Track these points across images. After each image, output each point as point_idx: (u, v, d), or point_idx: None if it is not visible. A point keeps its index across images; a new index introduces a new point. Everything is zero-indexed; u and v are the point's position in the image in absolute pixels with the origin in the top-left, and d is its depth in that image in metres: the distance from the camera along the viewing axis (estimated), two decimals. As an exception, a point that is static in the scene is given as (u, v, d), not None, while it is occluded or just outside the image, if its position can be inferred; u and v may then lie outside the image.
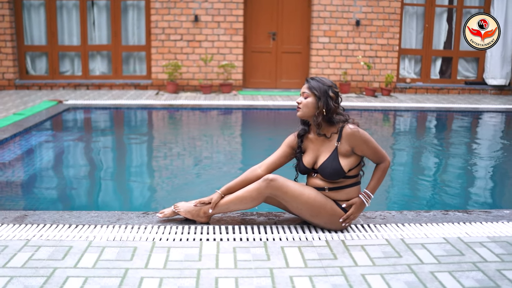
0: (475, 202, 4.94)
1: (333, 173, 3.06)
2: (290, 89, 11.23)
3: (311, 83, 3.10)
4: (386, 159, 3.12)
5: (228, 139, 7.35)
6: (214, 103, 9.20)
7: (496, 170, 6.18)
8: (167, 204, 4.50)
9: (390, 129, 8.87)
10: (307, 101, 3.09)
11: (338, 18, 10.85)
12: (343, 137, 3.05)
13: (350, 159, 3.06)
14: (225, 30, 10.50)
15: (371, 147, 3.05)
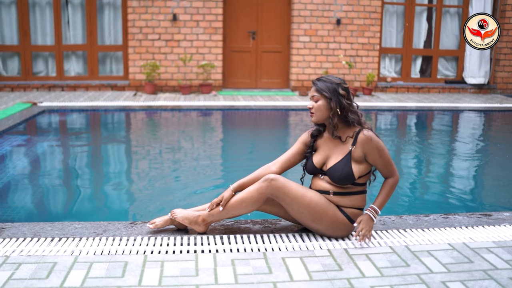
0: (468, 203, 4.86)
1: (342, 177, 2.91)
2: (271, 89, 11.08)
3: (319, 85, 2.93)
4: (396, 174, 2.98)
5: (210, 141, 7.14)
6: (194, 104, 8.98)
7: (482, 169, 6.13)
8: (152, 211, 4.31)
9: (373, 129, 8.79)
10: (318, 105, 2.94)
11: (318, 16, 10.74)
12: (358, 142, 2.91)
13: (362, 166, 2.92)
14: (204, 29, 10.28)
15: (384, 157, 2.92)
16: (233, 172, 5.62)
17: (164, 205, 4.41)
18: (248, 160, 6.14)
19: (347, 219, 2.96)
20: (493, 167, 6.25)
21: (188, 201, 4.52)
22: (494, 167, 6.23)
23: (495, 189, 5.36)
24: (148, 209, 4.32)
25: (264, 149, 6.80)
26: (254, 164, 5.84)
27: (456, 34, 11.76)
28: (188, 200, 4.54)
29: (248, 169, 5.60)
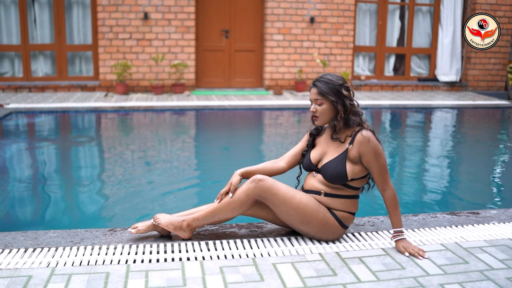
0: (451, 200, 4.83)
1: (334, 176, 2.80)
2: (244, 88, 10.95)
3: (322, 88, 2.80)
4: (391, 187, 2.80)
5: (185, 142, 6.97)
6: (167, 104, 8.78)
7: (459, 167, 6.15)
8: (129, 216, 4.13)
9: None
10: (323, 108, 2.82)
11: (292, 15, 10.66)
12: (355, 142, 2.79)
13: (356, 167, 2.81)
14: (176, 28, 10.07)
15: (379, 162, 2.77)
16: (209, 172, 5.48)
17: (141, 210, 4.24)
18: (224, 160, 6.00)
19: (337, 222, 2.85)
20: (468, 164, 6.27)
21: (165, 204, 4.37)
22: (469, 164, 6.26)
23: (472, 186, 5.36)
24: (125, 214, 4.14)
25: (241, 149, 6.68)
26: (230, 164, 5.75)
27: (428, 32, 11.85)
28: (165, 203, 4.39)
29: (225, 168, 5.51)
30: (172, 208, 4.28)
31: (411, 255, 2.72)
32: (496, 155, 6.77)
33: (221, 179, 5.25)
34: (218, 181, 5.22)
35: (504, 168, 6.12)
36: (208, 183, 5.18)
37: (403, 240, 2.78)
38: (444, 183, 5.40)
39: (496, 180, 5.57)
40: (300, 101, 9.60)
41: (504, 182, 5.48)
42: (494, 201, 4.86)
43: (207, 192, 4.86)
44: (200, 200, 4.68)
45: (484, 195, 5.03)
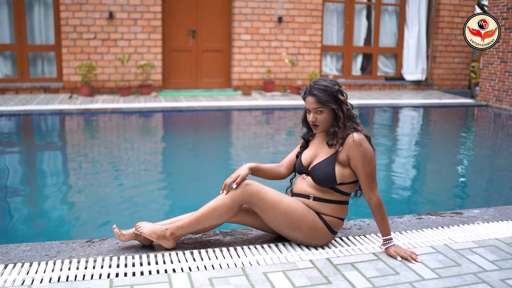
0: (420, 199, 4.84)
1: (322, 177, 2.71)
2: (212, 88, 10.80)
3: (320, 96, 2.69)
4: (376, 195, 2.70)
5: (153, 146, 6.78)
6: (135, 106, 8.55)
7: (429, 165, 6.19)
8: (102, 224, 3.95)
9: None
10: (323, 117, 2.72)
11: (260, 14, 10.58)
12: (345, 144, 2.70)
13: (346, 171, 2.72)
14: (142, 28, 9.84)
15: (366, 168, 2.66)
16: (180, 175, 5.32)
17: (111, 217, 4.06)
18: (195, 162, 5.86)
19: (326, 227, 2.77)
20: (436, 162, 6.32)
21: (134, 210, 4.20)
22: (438, 163, 6.31)
23: (442, 184, 5.40)
24: (97, 223, 3.96)
25: (211, 151, 6.56)
26: (202, 166, 5.62)
27: (395, 32, 11.98)
28: (134, 209, 4.22)
29: (196, 171, 5.38)
30: (142, 213, 4.13)
31: (404, 258, 2.66)
32: (464, 154, 6.86)
33: (191, 181, 5.11)
34: (188, 183, 5.08)
35: (473, 166, 6.20)
36: (180, 185, 5.03)
37: (393, 246, 2.72)
38: (412, 182, 5.41)
39: (465, 179, 5.63)
40: (269, 101, 9.53)
41: (474, 180, 5.54)
42: (461, 200, 4.91)
43: (177, 195, 4.72)
44: (171, 203, 4.53)
45: (451, 193, 5.09)
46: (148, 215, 4.15)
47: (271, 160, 6.08)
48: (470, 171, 5.98)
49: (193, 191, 4.82)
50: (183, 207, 4.37)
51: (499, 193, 5.08)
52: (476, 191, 5.15)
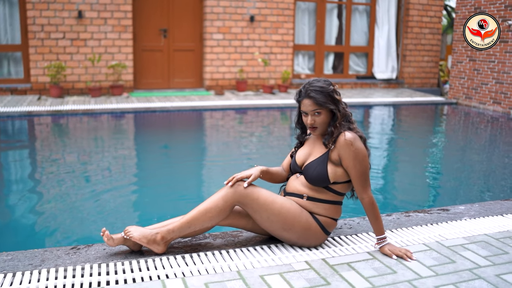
0: (412, 198, 4.87)
1: (314, 176, 2.68)
2: (184, 88, 10.67)
3: (318, 98, 2.64)
4: (368, 195, 2.65)
5: (126, 147, 6.62)
6: (107, 107, 8.35)
7: (409, 163, 6.24)
8: (79, 229, 3.81)
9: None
10: (321, 118, 2.68)
11: (232, 13, 10.50)
12: (337, 143, 2.66)
13: (339, 170, 2.68)
14: (112, 27, 9.63)
15: (357, 168, 2.62)
16: (155, 177, 5.20)
17: (86, 222, 3.94)
18: (170, 164, 5.76)
19: (320, 228, 2.72)
20: (409, 159, 6.38)
21: (108, 213, 4.08)
22: (411, 160, 6.37)
23: (417, 182, 5.45)
24: (72, 229, 3.82)
25: (186, 151, 6.46)
26: (177, 167, 5.51)
27: (365, 31, 12.08)
28: (108, 213, 4.10)
29: (171, 172, 5.26)
30: (116, 217, 4.01)
31: (399, 257, 2.64)
32: (436, 151, 6.95)
33: (166, 183, 4.99)
34: (163, 184, 4.97)
35: (447, 163, 6.29)
36: (153, 187, 4.91)
37: (388, 245, 2.70)
38: (383, 180, 5.44)
39: (439, 176, 5.70)
40: (242, 101, 9.47)
41: (448, 177, 5.60)
42: (437, 196, 4.95)
43: (152, 197, 4.61)
44: (145, 206, 4.41)
45: (426, 191, 5.15)
46: (123, 218, 4.04)
47: (246, 160, 6.02)
48: (445, 168, 6.05)
49: (168, 193, 4.72)
50: (158, 210, 4.27)
51: (471, 189, 5.15)
52: (450, 188, 5.21)
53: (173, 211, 4.25)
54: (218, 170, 5.59)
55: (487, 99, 9.52)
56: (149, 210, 4.33)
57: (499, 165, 6.12)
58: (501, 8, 9.15)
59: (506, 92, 9.07)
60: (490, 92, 9.45)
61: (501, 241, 2.93)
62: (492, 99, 9.41)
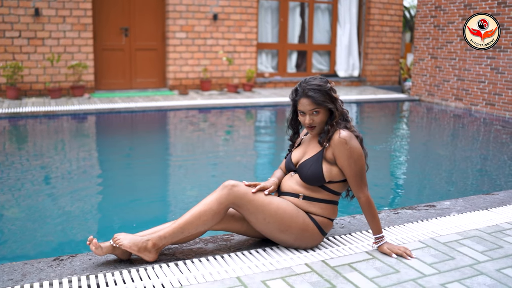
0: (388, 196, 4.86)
1: (309, 175, 2.60)
2: (147, 89, 10.41)
3: (316, 97, 2.56)
4: (365, 194, 2.58)
5: (90, 150, 6.36)
6: (70, 108, 8.01)
7: (378, 160, 6.27)
8: (48, 238, 3.59)
9: (268, 124, 8.64)
10: (320, 117, 2.61)
11: (195, 12, 10.32)
12: (331, 142, 2.59)
13: (334, 169, 2.60)
14: (72, 26, 9.27)
15: (352, 167, 2.54)
16: (120, 181, 5.00)
17: (47, 230, 3.71)
18: (136, 166, 5.56)
19: (317, 228, 2.64)
20: (378, 156, 6.42)
21: (72, 221, 3.88)
22: (379, 157, 6.41)
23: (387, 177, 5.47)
24: (40, 237, 3.60)
25: (153, 152, 6.28)
26: (143, 170, 5.32)
27: (327, 29, 12.14)
28: (72, 220, 3.89)
29: (137, 175, 5.07)
30: (80, 224, 3.81)
31: (399, 255, 2.59)
32: (402, 147, 7.02)
33: (130, 186, 4.79)
34: (128, 187, 4.78)
35: (416, 159, 6.35)
36: (117, 191, 4.70)
37: (386, 244, 2.65)
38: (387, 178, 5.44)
39: (406, 172, 5.74)
40: (208, 100, 9.31)
41: (416, 173, 5.65)
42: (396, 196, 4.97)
43: (116, 202, 4.40)
44: (109, 211, 4.20)
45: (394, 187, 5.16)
46: (87, 226, 3.83)
47: (212, 160, 5.89)
48: (411, 164, 6.09)
49: (133, 196, 4.52)
50: (123, 214, 4.09)
51: (438, 184, 5.21)
52: (418, 185, 5.25)
53: (137, 214, 4.08)
54: (186, 172, 5.44)
55: (449, 95, 9.73)
56: (110, 215, 4.11)
57: (463, 160, 6.23)
58: (460, 7, 9.36)
59: (467, 88, 9.29)
60: (452, 89, 9.66)
61: (493, 236, 2.93)
62: (454, 95, 9.62)
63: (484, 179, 5.33)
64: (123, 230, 3.76)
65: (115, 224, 3.93)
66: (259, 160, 6.18)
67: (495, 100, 8.73)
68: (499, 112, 8.67)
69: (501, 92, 8.59)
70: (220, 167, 5.66)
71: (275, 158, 6.20)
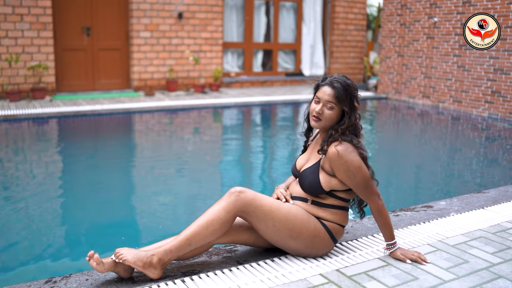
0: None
1: (307, 186, 2.51)
2: (111, 90, 10.05)
3: (340, 93, 2.43)
4: (374, 202, 2.47)
5: (57, 155, 6.05)
6: (31, 112, 7.60)
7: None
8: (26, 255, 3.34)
9: (239, 124, 8.49)
10: (331, 114, 2.47)
11: (159, 10, 10.05)
12: (327, 154, 2.45)
13: (333, 180, 2.48)
14: (30, 25, 8.83)
15: (353, 179, 2.41)
16: (89, 187, 4.75)
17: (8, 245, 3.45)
18: (106, 170, 5.32)
19: (328, 235, 2.52)
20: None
21: (34, 234, 3.63)
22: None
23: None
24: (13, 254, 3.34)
25: (122, 155, 6.05)
26: (111, 175, 5.09)
27: (293, 28, 12.09)
28: (34, 233, 3.65)
29: (106, 181, 4.82)
30: (41, 237, 3.58)
31: (413, 261, 2.50)
32: (369, 144, 7.03)
33: (99, 194, 4.55)
34: (96, 195, 4.55)
35: (387, 156, 6.36)
36: (98, 202, 4.43)
37: (399, 249, 2.56)
38: None
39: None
40: (176, 101, 9.08)
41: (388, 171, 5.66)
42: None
43: (80, 212, 4.15)
44: (73, 223, 3.94)
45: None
46: (50, 240, 3.58)
47: (182, 160, 5.73)
48: (380, 162, 6.10)
49: (99, 205, 4.28)
50: (88, 226, 3.85)
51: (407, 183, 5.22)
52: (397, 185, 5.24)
53: (101, 225, 3.84)
54: (158, 174, 5.25)
55: (417, 93, 9.85)
56: (75, 227, 3.84)
57: (433, 157, 6.28)
58: (426, 6, 9.48)
59: (435, 86, 9.43)
60: (419, 87, 9.78)
61: (498, 236, 2.90)
62: (421, 93, 9.74)
63: (454, 177, 5.38)
64: (93, 240, 3.56)
65: (70, 237, 3.68)
66: (228, 160, 6.03)
67: (462, 97, 8.89)
68: (466, 109, 8.83)
69: (468, 89, 8.75)
70: (189, 170, 5.50)
71: (245, 158, 6.07)
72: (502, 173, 5.46)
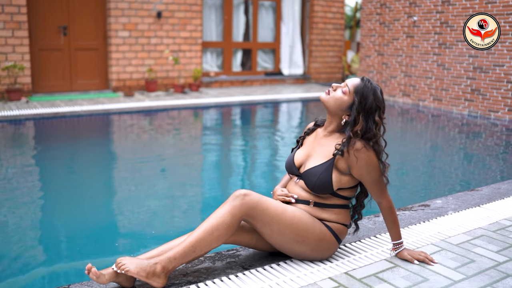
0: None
1: (317, 185, 2.42)
2: (89, 91, 9.85)
3: (363, 86, 2.41)
4: (386, 199, 2.47)
5: (35, 159, 5.87)
6: (7, 114, 7.38)
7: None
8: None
9: (222, 123, 8.40)
10: (340, 97, 2.45)
11: (138, 9, 9.89)
12: (349, 152, 2.38)
13: (344, 178, 2.44)
14: (4, 24, 8.57)
15: (372, 174, 2.40)
16: (70, 192, 4.62)
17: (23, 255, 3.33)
18: (89, 174, 5.19)
19: (333, 237, 2.48)
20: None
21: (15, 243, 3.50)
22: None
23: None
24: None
25: (108, 158, 5.92)
26: (93, 179, 4.97)
27: (272, 27, 12.05)
28: (17, 242, 3.52)
29: (86, 185, 4.70)
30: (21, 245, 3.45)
31: (421, 261, 2.48)
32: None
33: (78, 199, 4.42)
34: (75, 201, 4.41)
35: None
36: (62, 205, 4.31)
37: (406, 250, 2.53)
38: None
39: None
40: (156, 102, 8.95)
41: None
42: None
43: (61, 218, 4.02)
44: (52, 229, 3.81)
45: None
46: (29, 247, 3.46)
47: (164, 161, 5.64)
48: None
49: (80, 209, 4.16)
50: (67, 233, 3.73)
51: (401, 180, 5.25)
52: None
53: (81, 232, 3.73)
54: (141, 176, 5.15)
55: (397, 91, 9.92)
56: (55, 234, 3.71)
57: (416, 155, 6.33)
58: (406, 5, 9.56)
59: (415, 84, 9.51)
60: (399, 85, 9.85)
61: (499, 234, 2.90)
62: (402, 91, 9.82)
63: (435, 174, 5.41)
64: (81, 247, 3.45)
65: (45, 243, 3.55)
66: (210, 161, 5.96)
67: (442, 96, 8.98)
68: (446, 107, 8.93)
69: (448, 87, 8.85)
70: (171, 171, 5.41)
71: (226, 159, 6.00)
72: (489, 171, 5.52)
